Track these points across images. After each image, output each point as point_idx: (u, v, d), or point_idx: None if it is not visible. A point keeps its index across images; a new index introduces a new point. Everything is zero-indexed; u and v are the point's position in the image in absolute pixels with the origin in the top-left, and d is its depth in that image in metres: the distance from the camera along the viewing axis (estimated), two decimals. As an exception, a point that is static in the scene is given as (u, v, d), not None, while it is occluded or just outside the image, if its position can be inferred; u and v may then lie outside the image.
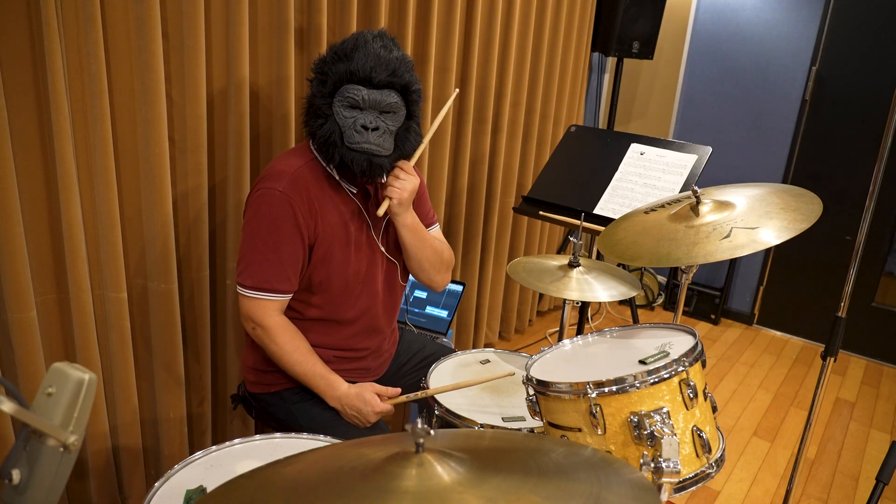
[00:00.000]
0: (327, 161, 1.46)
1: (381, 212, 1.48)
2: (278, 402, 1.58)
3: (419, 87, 1.47)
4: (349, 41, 1.41)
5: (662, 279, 4.05)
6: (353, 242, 1.52)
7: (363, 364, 1.65)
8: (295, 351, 1.49)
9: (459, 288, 2.20)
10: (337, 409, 1.52)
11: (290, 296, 1.50)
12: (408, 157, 1.51)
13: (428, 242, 1.62)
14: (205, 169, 1.74)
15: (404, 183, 1.49)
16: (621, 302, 3.94)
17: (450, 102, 1.62)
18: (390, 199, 1.48)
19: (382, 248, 1.59)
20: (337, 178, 1.50)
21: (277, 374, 1.56)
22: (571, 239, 3.33)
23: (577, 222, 2.12)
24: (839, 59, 3.32)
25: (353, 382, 1.61)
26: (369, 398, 1.49)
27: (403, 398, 1.52)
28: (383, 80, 1.39)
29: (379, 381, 1.71)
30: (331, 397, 1.51)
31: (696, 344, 1.23)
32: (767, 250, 3.69)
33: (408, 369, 1.79)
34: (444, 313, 2.16)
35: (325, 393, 1.51)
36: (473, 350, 1.81)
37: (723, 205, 1.46)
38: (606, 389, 1.14)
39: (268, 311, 1.47)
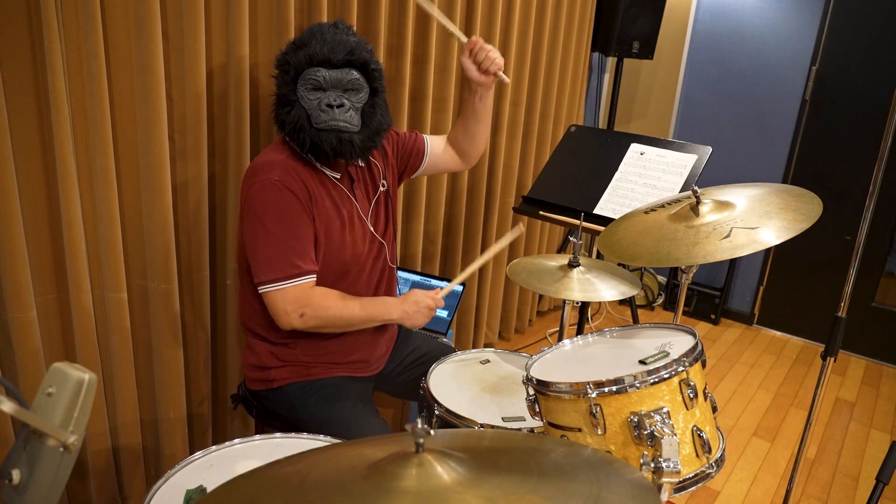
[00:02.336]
0: (300, 147, 1.48)
1: (507, 79, 1.67)
2: (281, 399, 1.59)
3: (379, 66, 1.51)
4: (305, 32, 1.47)
5: (662, 279, 4.05)
6: (347, 226, 1.55)
7: (362, 355, 1.66)
8: (346, 300, 1.51)
9: (459, 288, 2.20)
10: (402, 317, 1.56)
11: (315, 277, 1.50)
12: (377, 133, 1.54)
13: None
14: (205, 169, 1.75)
15: (495, 53, 1.62)
16: (621, 302, 3.94)
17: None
18: (499, 69, 1.64)
19: (372, 229, 1.62)
20: (318, 166, 1.52)
21: (280, 370, 1.57)
22: (571, 239, 3.33)
23: (577, 222, 2.12)
24: (839, 59, 3.32)
25: (352, 377, 1.64)
26: (419, 295, 1.57)
27: (447, 289, 1.62)
28: (342, 59, 1.44)
29: (377, 378, 1.74)
30: (393, 307, 1.55)
31: (696, 344, 1.23)
32: (767, 250, 3.69)
33: (405, 366, 1.80)
34: (444, 313, 2.16)
35: (388, 311, 1.55)
36: (473, 350, 1.81)
37: (723, 205, 1.46)
38: (606, 389, 1.14)
39: (306, 290, 1.47)
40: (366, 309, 1.53)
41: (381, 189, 1.67)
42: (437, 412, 1.51)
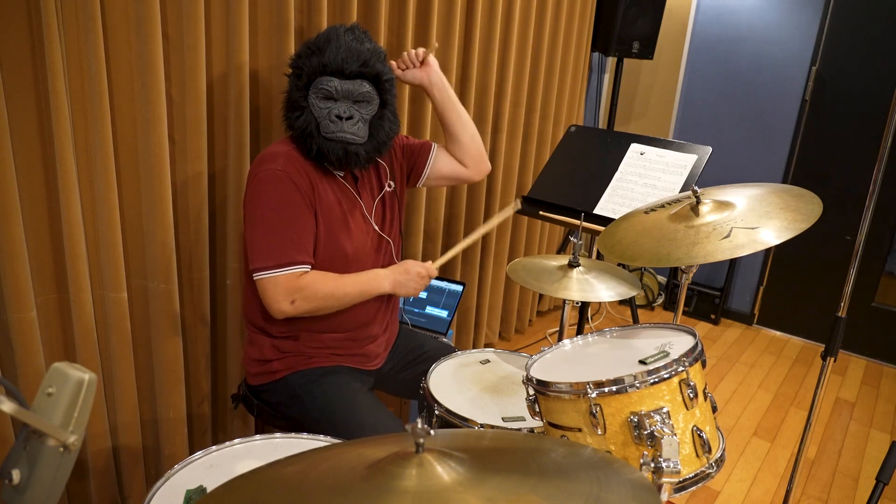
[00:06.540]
0: (307, 152, 1.50)
1: (435, 44, 1.68)
2: (284, 388, 1.60)
3: (391, 76, 1.52)
4: (322, 35, 1.47)
5: (662, 279, 4.05)
6: (349, 221, 1.56)
7: (366, 349, 1.67)
8: (335, 279, 1.52)
9: (459, 288, 2.20)
10: (394, 287, 1.58)
11: (309, 268, 1.50)
12: (383, 144, 1.55)
13: (458, 104, 1.76)
14: (205, 169, 1.74)
15: (409, 52, 1.67)
16: (621, 302, 3.94)
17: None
18: (423, 52, 1.67)
19: (375, 227, 1.63)
20: (324, 164, 1.54)
21: (282, 361, 1.59)
22: (571, 239, 3.33)
23: (577, 222, 2.12)
24: (839, 59, 3.32)
25: (354, 368, 1.65)
26: (409, 263, 1.60)
27: (441, 260, 1.67)
28: (355, 71, 1.44)
29: (378, 375, 1.74)
30: (384, 278, 1.58)
31: (696, 344, 1.23)
32: (767, 250, 3.69)
33: (405, 363, 1.80)
34: (444, 313, 2.16)
35: (379, 285, 1.57)
36: (473, 350, 1.81)
37: (723, 205, 1.46)
38: (606, 389, 1.14)
39: (296, 278, 1.47)
40: (357, 285, 1.54)
41: (388, 189, 1.68)
42: (437, 412, 1.51)
